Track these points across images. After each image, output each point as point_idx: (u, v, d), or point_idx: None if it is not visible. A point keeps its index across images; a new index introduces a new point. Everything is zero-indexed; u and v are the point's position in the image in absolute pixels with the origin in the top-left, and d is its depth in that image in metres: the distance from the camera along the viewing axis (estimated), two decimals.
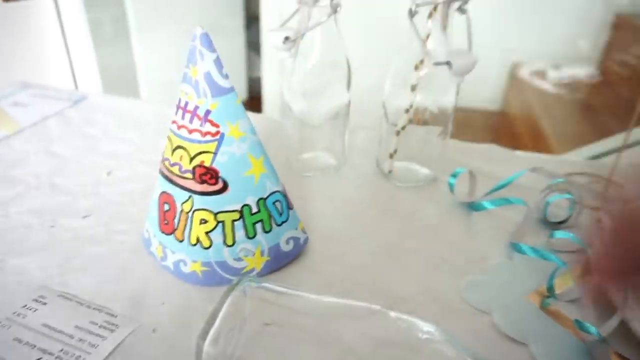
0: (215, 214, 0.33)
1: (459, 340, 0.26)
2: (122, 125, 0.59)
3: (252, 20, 2.25)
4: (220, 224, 0.33)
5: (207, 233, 0.33)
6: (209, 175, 0.32)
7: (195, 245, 0.33)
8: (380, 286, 0.36)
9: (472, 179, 0.47)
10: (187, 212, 0.33)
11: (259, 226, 0.34)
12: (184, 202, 0.33)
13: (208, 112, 0.31)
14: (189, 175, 0.32)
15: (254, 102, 2.31)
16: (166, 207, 0.34)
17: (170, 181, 0.34)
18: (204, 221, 0.33)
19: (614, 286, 0.20)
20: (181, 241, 0.34)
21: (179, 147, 0.33)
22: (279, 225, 0.35)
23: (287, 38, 0.42)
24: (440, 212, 0.45)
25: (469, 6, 0.41)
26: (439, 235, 0.42)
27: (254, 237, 0.34)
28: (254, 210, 0.34)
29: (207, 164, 0.32)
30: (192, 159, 0.32)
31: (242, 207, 0.33)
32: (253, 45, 2.30)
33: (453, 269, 0.38)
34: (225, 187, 0.32)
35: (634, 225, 0.21)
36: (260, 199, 0.34)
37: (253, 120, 0.34)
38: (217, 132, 0.32)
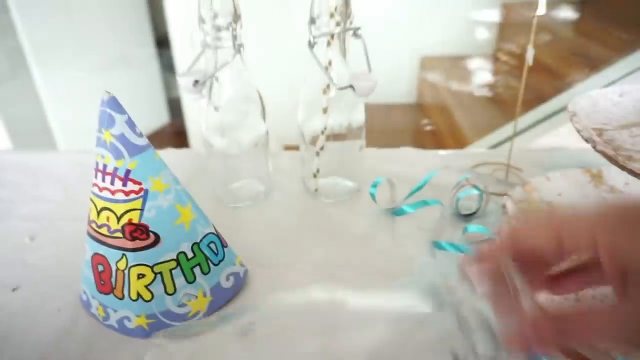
0: (152, 267, 0.33)
1: None
2: (38, 182, 0.57)
3: (162, 41, 2.20)
4: (159, 275, 0.34)
5: (146, 286, 0.34)
6: (139, 232, 0.33)
7: (136, 300, 0.34)
8: None
9: (391, 186, 0.51)
10: (123, 270, 0.34)
11: (197, 270, 0.36)
12: (118, 261, 0.34)
13: (128, 171, 0.32)
14: (119, 234, 0.33)
15: (177, 123, 2.26)
16: (100, 268, 0.35)
17: (101, 242, 0.34)
18: (141, 275, 0.33)
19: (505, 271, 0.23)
20: (121, 299, 0.34)
21: (104, 208, 0.33)
22: (217, 265, 0.37)
23: (196, 81, 0.43)
24: (366, 222, 0.48)
25: (361, 30, 0.44)
26: (368, 245, 0.45)
27: (194, 281, 0.35)
28: (190, 255, 0.35)
29: (135, 221, 0.33)
30: (119, 219, 0.33)
31: (178, 254, 0.34)
32: (167, 66, 2.26)
33: (385, 275, 0.41)
34: (157, 240, 0.33)
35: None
36: (194, 243, 0.35)
37: (177, 157, 0.35)
38: (141, 189, 0.33)
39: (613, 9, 1.45)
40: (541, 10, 0.43)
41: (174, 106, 2.35)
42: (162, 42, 2.24)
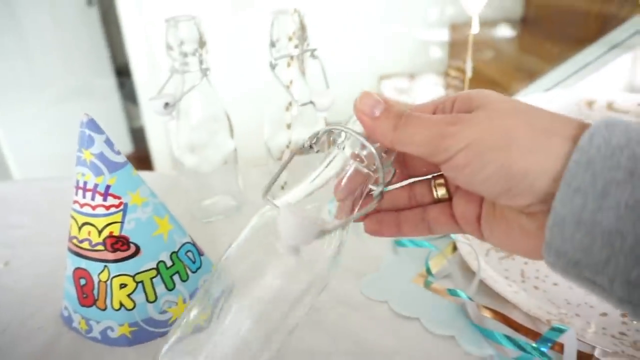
0: (133, 276, 0.36)
1: None
2: (8, 211, 0.58)
3: (122, 70, 2.20)
4: (140, 284, 0.36)
5: (128, 295, 0.36)
6: (120, 243, 0.35)
7: (119, 309, 0.36)
8: None
9: None
10: (105, 281, 0.35)
11: (176, 277, 0.38)
12: (100, 273, 0.35)
13: (108, 187, 0.34)
14: (101, 247, 0.35)
15: (140, 153, 2.25)
16: (82, 281, 0.36)
17: (83, 256, 0.36)
18: (123, 285, 0.35)
19: None
20: (104, 309, 0.36)
21: (85, 223, 0.35)
22: (194, 272, 0.39)
23: (167, 104, 0.46)
24: None
25: (320, 52, 0.49)
26: None
27: (173, 288, 0.38)
28: (169, 264, 0.37)
29: (116, 233, 0.35)
30: (100, 232, 0.35)
31: (158, 263, 0.37)
32: (128, 96, 2.25)
33: (353, 274, 0.44)
34: (137, 251, 0.36)
35: None
36: (173, 252, 0.38)
37: (146, 179, 0.38)
38: (121, 203, 0.35)
39: (548, 26, 1.59)
40: (475, 29, 0.48)
41: (137, 136, 2.33)
42: (122, 72, 2.23)
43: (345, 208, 0.26)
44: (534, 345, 0.33)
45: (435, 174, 0.27)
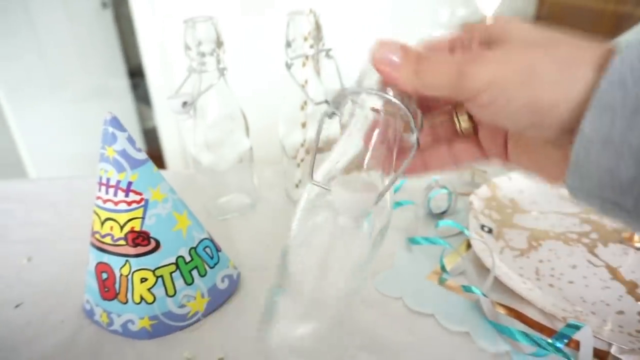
0: (154, 271, 0.36)
1: None
2: (30, 208, 0.59)
3: (135, 72, 2.23)
4: (160, 279, 0.37)
5: (149, 289, 0.36)
6: (141, 238, 0.36)
7: (139, 303, 0.37)
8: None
9: None
10: (126, 276, 0.36)
11: (195, 272, 0.39)
12: (121, 267, 0.36)
13: (130, 183, 0.35)
14: (122, 242, 0.36)
15: (153, 153, 2.27)
16: (104, 275, 0.37)
17: (105, 251, 0.37)
18: (144, 279, 0.36)
19: None
20: (125, 303, 0.37)
21: (108, 219, 0.36)
22: (212, 267, 0.40)
23: (185, 103, 0.47)
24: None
25: (334, 51, 0.49)
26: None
27: (192, 283, 0.38)
28: (188, 259, 0.38)
29: (137, 228, 0.36)
30: (122, 227, 0.36)
31: (177, 259, 0.37)
32: (141, 97, 2.28)
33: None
34: (158, 246, 0.36)
35: None
36: (192, 248, 0.38)
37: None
38: (142, 199, 0.36)
39: (561, 25, 1.57)
40: None
41: (150, 136, 2.36)
42: (136, 73, 2.26)
43: (384, 164, 0.26)
44: (549, 341, 0.33)
45: (455, 106, 0.26)
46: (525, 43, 0.21)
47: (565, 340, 0.33)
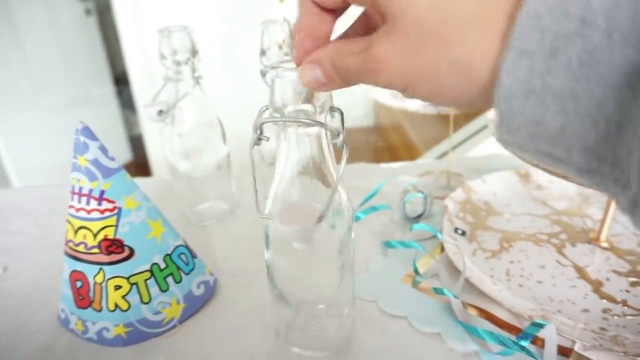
0: (128, 278, 0.37)
1: None
2: (8, 217, 0.59)
3: (120, 79, 2.22)
4: (135, 286, 0.37)
5: (123, 297, 0.37)
6: (114, 246, 0.36)
7: (114, 310, 0.37)
8: None
9: None
10: (100, 283, 0.37)
11: (170, 279, 0.39)
12: (95, 275, 0.37)
13: (103, 192, 0.36)
14: (96, 250, 0.36)
15: (139, 160, 2.26)
16: (78, 284, 0.38)
17: (79, 259, 0.37)
18: (118, 287, 0.37)
19: None
20: (99, 311, 0.37)
21: (81, 227, 0.36)
22: (187, 274, 0.40)
23: (160, 111, 0.47)
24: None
25: None
26: None
27: (167, 289, 0.39)
28: (163, 266, 0.38)
29: (110, 236, 0.36)
30: (95, 235, 0.36)
31: (151, 265, 0.38)
32: (127, 104, 2.27)
33: None
34: (132, 253, 0.37)
35: None
36: (166, 255, 0.39)
37: (143, 184, 0.39)
38: (115, 207, 0.36)
39: None
40: None
41: (136, 143, 2.35)
42: (120, 80, 2.25)
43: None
44: (514, 340, 0.34)
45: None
46: (418, 23, 0.19)
47: (530, 339, 0.34)
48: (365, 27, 0.26)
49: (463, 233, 0.49)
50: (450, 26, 0.18)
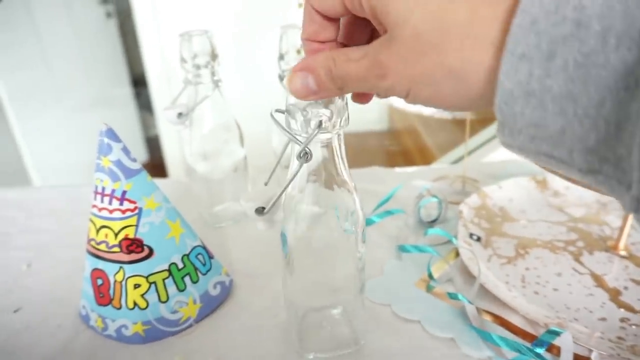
0: (147, 277, 0.38)
1: None
2: (32, 216, 0.61)
3: (139, 80, 2.25)
4: (153, 285, 0.38)
5: (142, 295, 0.38)
6: (134, 245, 0.37)
7: (133, 308, 0.38)
8: None
9: None
10: (120, 282, 0.37)
11: (187, 279, 0.40)
12: (115, 274, 0.37)
13: (124, 192, 0.37)
14: (117, 249, 0.37)
15: (155, 161, 2.30)
16: (99, 281, 0.38)
17: (100, 258, 0.38)
18: (137, 286, 0.37)
19: None
20: (119, 308, 0.38)
21: (103, 226, 0.37)
22: (204, 274, 0.41)
23: (180, 114, 0.48)
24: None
25: None
26: None
27: (184, 289, 0.39)
28: (180, 266, 0.39)
29: (131, 236, 0.37)
30: (117, 235, 0.37)
31: (170, 265, 0.39)
32: (144, 105, 2.30)
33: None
34: (151, 253, 0.38)
35: None
36: (184, 255, 0.40)
37: (161, 185, 0.40)
38: (136, 208, 0.37)
39: None
40: None
41: (152, 145, 2.38)
42: (139, 82, 2.29)
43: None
44: (529, 347, 0.34)
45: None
46: (415, 34, 0.20)
47: (545, 346, 0.34)
48: (350, 37, 0.27)
49: (478, 239, 0.49)
50: (445, 36, 0.19)
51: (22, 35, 1.69)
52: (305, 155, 0.28)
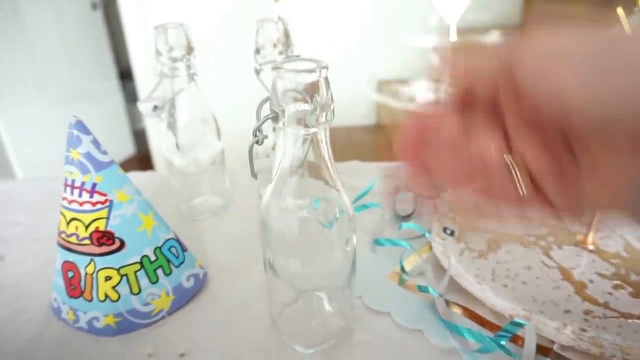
0: (118, 269, 0.38)
1: None
2: (5, 209, 0.60)
3: (125, 73, 2.23)
4: (125, 277, 0.38)
5: (113, 287, 0.38)
6: (105, 238, 0.37)
7: (104, 301, 0.38)
8: None
9: None
10: (91, 274, 0.38)
11: (159, 271, 0.40)
12: (86, 266, 0.38)
13: (95, 184, 0.37)
14: (87, 241, 0.37)
15: (142, 154, 2.28)
16: (70, 274, 0.38)
17: (71, 250, 0.38)
18: (108, 278, 0.37)
19: None
20: (90, 301, 0.38)
21: (73, 219, 0.37)
22: (177, 266, 0.41)
23: (155, 107, 0.48)
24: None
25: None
26: None
27: (157, 281, 0.40)
28: (153, 258, 0.39)
29: (102, 228, 0.37)
30: (87, 227, 0.37)
31: (142, 258, 0.39)
32: (131, 98, 2.28)
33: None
34: (122, 245, 0.38)
35: None
36: (157, 248, 0.40)
37: (141, 179, 0.40)
38: (106, 200, 0.37)
39: None
40: (453, 37, 0.50)
41: (139, 137, 2.37)
42: (125, 74, 2.27)
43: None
44: (493, 337, 0.35)
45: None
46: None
47: (508, 337, 0.35)
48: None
49: (452, 233, 0.50)
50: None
51: (5, 25, 1.66)
52: (256, 137, 0.29)
